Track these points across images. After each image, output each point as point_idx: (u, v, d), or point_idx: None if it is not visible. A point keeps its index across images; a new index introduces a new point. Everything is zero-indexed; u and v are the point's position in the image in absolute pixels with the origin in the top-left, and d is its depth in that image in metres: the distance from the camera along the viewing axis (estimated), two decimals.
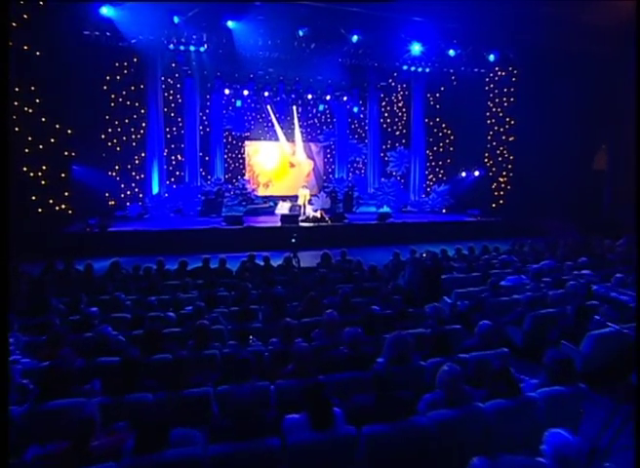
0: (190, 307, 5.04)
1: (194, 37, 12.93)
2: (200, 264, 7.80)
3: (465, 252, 9.55)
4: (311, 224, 14.01)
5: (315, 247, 13.07)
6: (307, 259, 10.10)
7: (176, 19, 11.75)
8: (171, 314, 4.97)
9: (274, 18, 11.86)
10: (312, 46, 13.42)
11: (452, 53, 14.30)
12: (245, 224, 13.36)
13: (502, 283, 6.33)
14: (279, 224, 13.72)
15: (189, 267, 7.80)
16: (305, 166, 20.54)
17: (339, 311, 4.68)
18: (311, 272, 7.84)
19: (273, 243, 12.71)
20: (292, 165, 20.03)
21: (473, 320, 4.76)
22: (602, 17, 12.06)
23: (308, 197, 15.88)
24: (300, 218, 14.33)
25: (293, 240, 9.28)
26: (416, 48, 13.88)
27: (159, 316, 4.89)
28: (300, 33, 12.59)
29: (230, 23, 12.16)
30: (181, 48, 13.37)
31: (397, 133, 20.30)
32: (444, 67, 15.66)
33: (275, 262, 8.95)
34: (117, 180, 15.76)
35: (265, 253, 12.17)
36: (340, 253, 12.19)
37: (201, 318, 4.41)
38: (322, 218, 14.30)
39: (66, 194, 12.42)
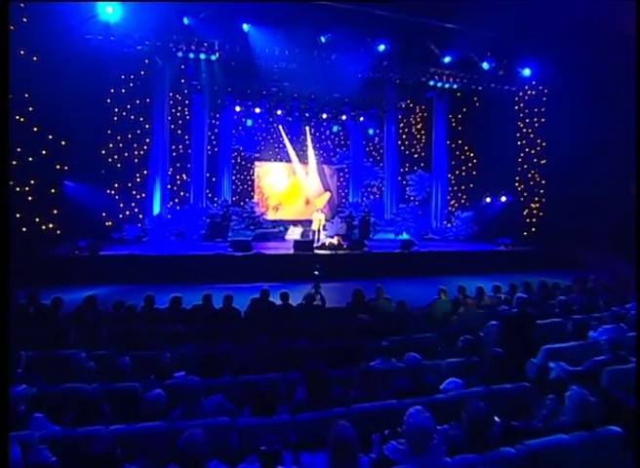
0: (181, 374, 3.49)
1: (205, 44, 11.88)
2: (200, 302, 6.20)
3: (508, 289, 7.95)
4: (327, 252, 12.54)
5: (332, 278, 11.58)
6: (328, 294, 8.57)
7: (186, 21, 10.71)
8: (152, 393, 3.04)
9: (295, 21, 10.78)
10: (333, 57, 12.35)
11: (485, 66, 13.20)
12: (254, 251, 11.91)
13: (595, 335, 4.81)
14: (292, 251, 12.27)
15: (187, 304, 6.19)
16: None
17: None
18: (342, 315, 6.19)
19: (286, 272, 11.26)
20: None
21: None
22: None
23: (323, 222, 14.50)
24: (315, 245, 12.88)
25: (316, 272, 7.72)
26: (446, 59, 12.79)
27: (130, 390, 3.03)
28: (323, 40, 11.54)
29: (246, 27, 11.09)
30: (191, 55, 12.31)
31: (415, 155, 19.17)
32: (472, 84, 14.58)
33: (291, 297, 7.48)
34: (116, 199, 14.47)
35: (279, 287, 10.72)
36: (371, 288, 10.68)
37: (195, 403, 2.84)
38: (339, 246, 12.85)
39: (55, 212, 11.08)
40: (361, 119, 18.10)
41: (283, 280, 11.15)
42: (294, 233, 16.95)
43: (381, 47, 12.15)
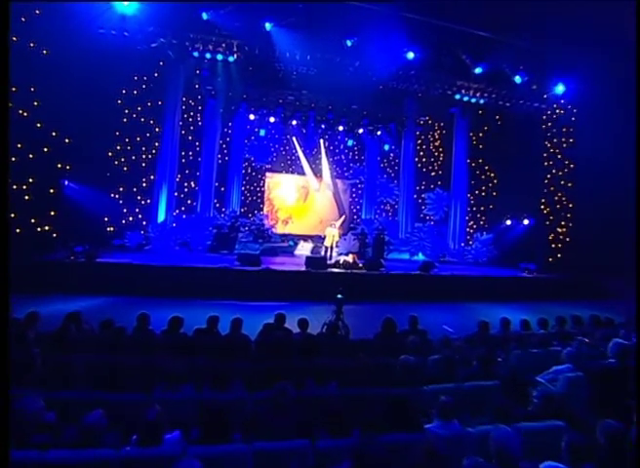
0: (175, 434, 2.57)
1: (223, 45, 11.26)
2: (203, 325, 5.27)
3: (555, 323, 7.01)
4: (341, 271, 11.64)
5: (346, 299, 10.66)
6: (348, 319, 7.65)
7: (205, 16, 10.07)
8: None
9: (322, 22, 10.14)
10: (357, 63, 11.70)
11: (518, 79, 12.50)
12: (262, 266, 11.04)
13: None
14: (303, 268, 11.40)
15: (188, 323, 5.26)
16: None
17: None
18: (372, 351, 5.14)
19: (297, 291, 10.43)
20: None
21: None
22: None
23: (337, 238, 13.64)
24: (328, 263, 12.00)
25: (338, 295, 6.80)
26: (477, 70, 12.11)
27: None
28: (349, 43, 10.89)
29: (269, 26, 10.44)
30: (208, 56, 11.69)
31: (432, 173, 18.43)
32: (500, 99, 13.89)
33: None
34: (119, 204, 13.75)
35: (290, 306, 9.84)
36: (391, 312, 9.69)
37: None
38: (354, 264, 11.96)
39: (52, 214, 10.31)
40: (378, 133, 17.44)
41: (294, 299, 10.30)
42: (304, 248, 16.10)
43: (410, 55, 11.47)
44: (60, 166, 10.62)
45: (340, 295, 6.65)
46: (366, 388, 3.59)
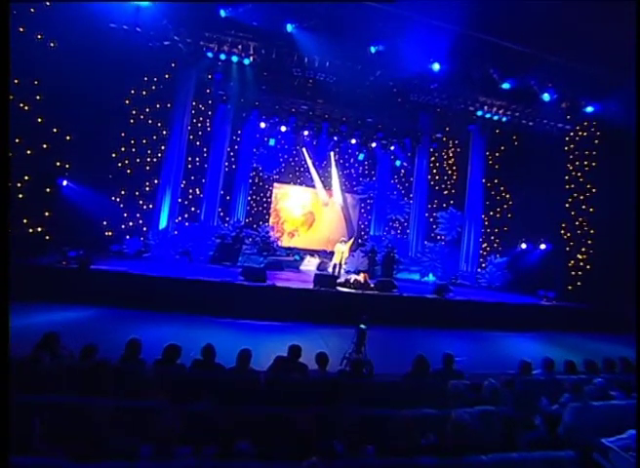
0: None
1: (239, 46, 10.74)
2: (202, 351, 4.45)
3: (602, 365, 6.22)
4: (351, 290, 10.90)
5: (349, 322, 9.86)
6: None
7: (223, 13, 9.53)
8: None
9: (347, 25, 9.60)
10: (378, 73, 11.17)
11: (546, 97, 11.95)
12: (268, 282, 10.29)
13: None
14: (311, 286, 10.67)
15: (186, 347, 4.49)
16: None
17: None
18: (405, 396, 4.32)
19: (304, 310, 9.67)
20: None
21: None
22: None
23: (346, 255, 12.91)
24: (338, 281, 11.26)
25: (362, 325, 5.99)
26: (505, 85, 11.56)
27: None
28: (373, 50, 10.34)
29: (290, 27, 9.90)
30: (222, 57, 11.16)
31: (445, 192, 17.84)
32: (523, 118, 13.34)
33: (311, 349, 5.80)
34: (120, 208, 13.10)
35: (297, 328, 9.08)
36: (404, 339, 9.01)
37: None
38: (365, 284, 11.22)
39: (47, 214, 9.62)
40: (392, 148, 16.89)
41: (301, 319, 9.56)
42: (310, 264, 15.41)
43: (436, 66, 10.93)
44: (59, 164, 9.98)
45: (363, 326, 5.86)
46: (411, 457, 2.81)
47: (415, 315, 10.65)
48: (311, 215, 17.84)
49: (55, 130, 9.69)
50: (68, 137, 10.05)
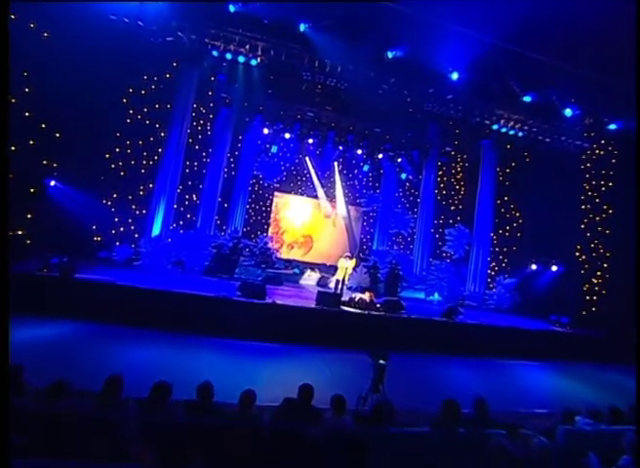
0: None
1: (247, 46, 10.05)
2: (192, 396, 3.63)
3: None
4: (356, 311, 10.10)
5: (359, 346, 9.06)
6: (360, 373, 6.06)
7: (232, 8, 8.88)
8: None
9: (363, 28, 8.98)
10: (392, 80, 10.54)
11: (568, 112, 11.38)
12: (268, 299, 9.48)
13: None
14: (313, 305, 9.87)
15: (176, 377, 3.67)
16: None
17: None
18: (435, 448, 3.58)
19: (305, 331, 8.90)
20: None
21: None
22: None
23: (350, 271, 12.14)
24: (343, 299, 10.46)
25: (381, 361, 5.16)
26: (526, 98, 10.99)
27: None
28: (389, 55, 9.73)
29: (303, 27, 9.25)
30: (228, 56, 10.48)
31: (452, 208, 17.22)
32: (540, 134, 12.75)
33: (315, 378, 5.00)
34: (111, 211, 12.28)
35: (299, 351, 8.27)
36: (412, 366, 8.17)
37: None
38: (371, 304, 10.44)
39: (29, 216, 8.79)
40: (399, 160, 16.29)
41: (302, 341, 8.75)
42: (310, 278, 14.64)
43: (455, 75, 10.34)
44: (46, 163, 9.19)
45: (382, 361, 5.07)
46: None
47: (424, 339, 9.87)
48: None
49: (43, 125, 8.92)
50: (58, 135, 9.27)
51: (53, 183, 10.24)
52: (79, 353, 6.43)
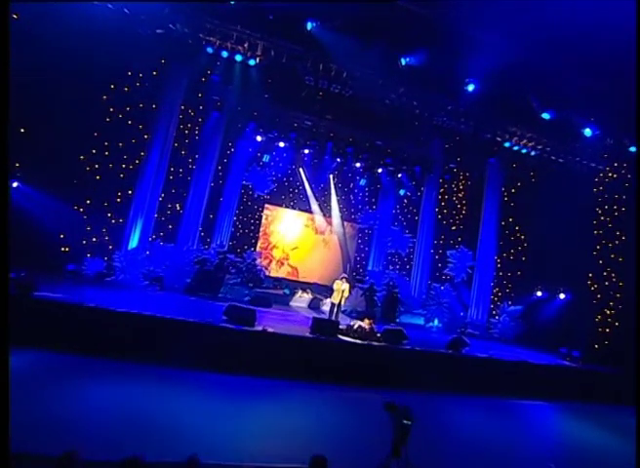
0: None
1: (245, 44, 9.04)
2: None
3: None
4: (356, 341, 8.96)
5: (355, 383, 7.94)
6: (359, 413, 4.91)
7: (232, 1, 7.87)
8: None
9: (377, 31, 8.02)
10: (401, 90, 9.64)
11: (587, 132, 10.66)
12: (258, 325, 8.28)
13: None
14: (308, 332, 8.72)
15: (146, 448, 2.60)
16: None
17: None
18: None
19: (299, 364, 7.80)
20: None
21: None
22: None
23: (347, 294, 11.02)
24: (341, 327, 9.32)
25: (405, 421, 4.04)
26: (544, 116, 10.23)
27: None
28: (403, 62, 8.83)
29: (310, 26, 8.27)
30: (224, 54, 9.45)
31: (453, 227, 16.31)
32: (554, 153, 11.99)
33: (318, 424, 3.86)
34: (83, 219, 10.97)
35: (295, 389, 7.02)
36: (422, 409, 6.92)
37: None
38: (372, 333, 9.33)
39: None
40: (399, 175, 15.40)
41: (295, 376, 7.62)
42: (301, 300, 13.48)
43: (471, 87, 9.51)
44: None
45: (407, 421, 3.97)
46: None
47: (428, 375, 8.77)
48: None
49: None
50: (23, 130, 8.03)
51: (15, 185, 8.93)
52: (33, 393, 5.17)
